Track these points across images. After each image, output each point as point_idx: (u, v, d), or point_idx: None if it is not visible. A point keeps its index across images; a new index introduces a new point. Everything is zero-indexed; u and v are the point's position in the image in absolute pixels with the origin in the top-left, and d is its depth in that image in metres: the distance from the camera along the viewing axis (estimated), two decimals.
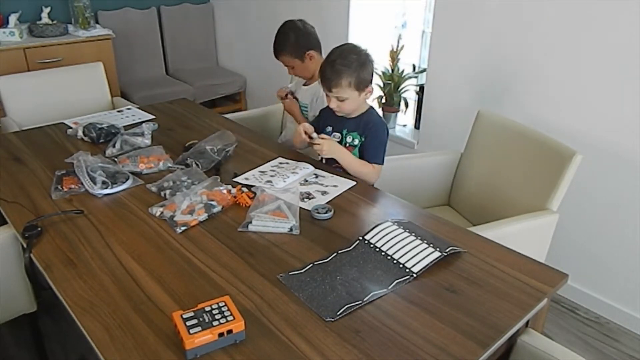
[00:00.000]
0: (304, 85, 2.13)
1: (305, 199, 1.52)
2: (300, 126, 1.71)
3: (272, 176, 1.66)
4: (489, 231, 1.46)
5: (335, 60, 1.58)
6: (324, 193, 1.57)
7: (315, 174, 1.69)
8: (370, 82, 1.62)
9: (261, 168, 1.73)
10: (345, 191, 1.58)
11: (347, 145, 1.70)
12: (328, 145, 1.64)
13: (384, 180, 1.72)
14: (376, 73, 2.27)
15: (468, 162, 1.99)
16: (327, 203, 1.50)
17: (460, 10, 2.39)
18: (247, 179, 1.65)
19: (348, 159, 1.66)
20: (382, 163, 1.68)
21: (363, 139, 1.68)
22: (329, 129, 1.74)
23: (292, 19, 2.01)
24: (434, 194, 2.09)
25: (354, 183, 1.62)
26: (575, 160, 1.59)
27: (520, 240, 1.59)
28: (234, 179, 1.64)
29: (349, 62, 1.56)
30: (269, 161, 1.78)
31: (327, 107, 1.69)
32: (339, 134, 1.72)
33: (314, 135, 1.67)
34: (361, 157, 1.69)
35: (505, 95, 2.31)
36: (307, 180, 1.65)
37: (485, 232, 1.43)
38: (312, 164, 1.74)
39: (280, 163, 1.77)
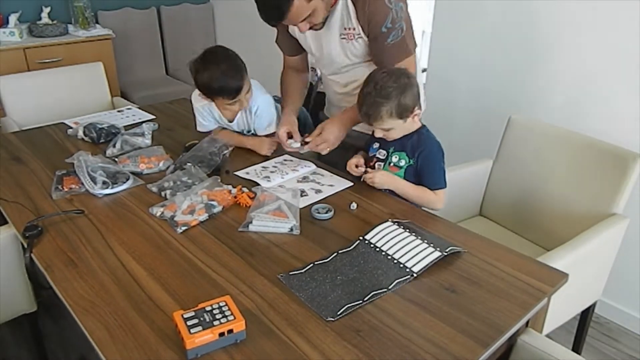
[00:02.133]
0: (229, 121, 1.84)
1: (299, 196, 1.52)
2: (351, 161, 1.59)
3: (272, 172, 1.67)
4: (571, 252, 1.48)
5: (370, 93, 1.43)
6: (317, 191, 1.57)
7: (314, 172, 1.70)
8: (416, 105, 1.46)
9: (264, 164, 1.74)
10: (343, 190, 1.58)
11: (392, 165, 1.54)
12: (379, 177, 1.50)
13: None
14: None
15: (504, 170, 1.97)
16: (321, 202, 1.50)
17: (461, 10, 2.39)
18: (247, 173, 1.67)
19: (404, 189, 1.51)
20: (445, 187, 1.51)
21: (412, 162, 1.51)
22: (376, 145, 1.59)
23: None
24: (465, 205, 2.06)
25: (351, 183, 1.62)
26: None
27: (596, 251, 1.62)
28: (235, 173, 1.67)
29: (387, 93, 1.41)
30: (274, 157, 1.79)
31: None
32: (384, 152, 1.57)
33: (363, 169, 1.55)
34: (419, 183, 1.52)
35: (510, 96, 2.32)
36: (305, 178, 1.66)
37: (568, 254, 1.45)
38: (315, 164, 1.74)
39: (285, 160, 1.78)
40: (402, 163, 1.53)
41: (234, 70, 1.64)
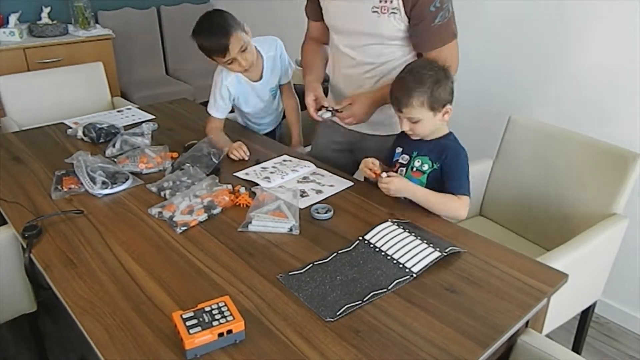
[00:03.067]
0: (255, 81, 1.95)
1: (299, 197, 1.52)
2: (364, 163, 1.50)
3: (271, 173, 1.67)
4: (571, 252, 1.47)
5: (405, 77, 1.40)
6: (318, 192, 1.57)
7: (314, 172, 1.69)
8: (449, 102, 1.41)
9: (264, 164, 1.74)
10: (343, 191, 1.58)
11: (414, 170, 1.49)
12: (395, 185, 1.42)
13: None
14: None
15: (504, 170, 1.97)
16: (322, 202, 1.50)
17: (461, 10, 2.38)
18: (247, 174, 1.67)
19: (424, 196, 1.43)
20: (469, 194, 1.44)
21: (436, 166, 1.46)
22: (399, 150, 1.54)
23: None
24: None
25: (351, 183, 1.62)
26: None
27: (596, 251, 1.61)
28: (235, 174, 1.66)
29: (422, 79, 1.36)
30: (273, 158, 1.79)
31: None
32: (407, 156, 1.51)
33: (383, 174, 1.44)
34: (442, 190, 1.45)
35: (510, 96, 2.31)
36: (305, 178, 1.66)
37: (568, 254, 1.45)
38: (314, 164, 1.74)
39: (284, 160, 1.78)
40: (425, 167, 1.48)
41: (218, 28, 1.74)
